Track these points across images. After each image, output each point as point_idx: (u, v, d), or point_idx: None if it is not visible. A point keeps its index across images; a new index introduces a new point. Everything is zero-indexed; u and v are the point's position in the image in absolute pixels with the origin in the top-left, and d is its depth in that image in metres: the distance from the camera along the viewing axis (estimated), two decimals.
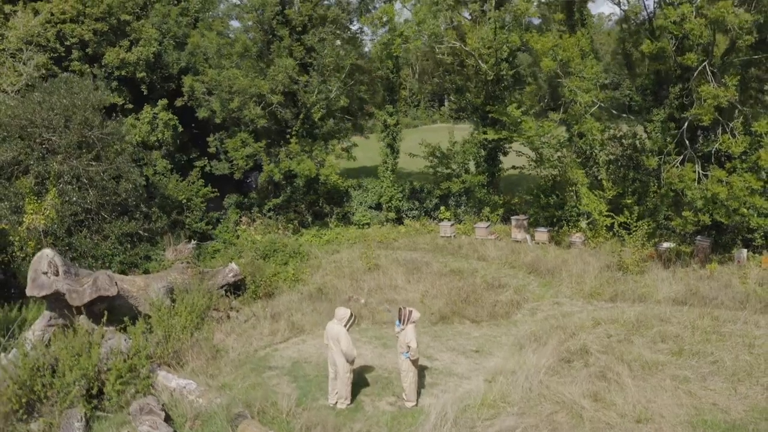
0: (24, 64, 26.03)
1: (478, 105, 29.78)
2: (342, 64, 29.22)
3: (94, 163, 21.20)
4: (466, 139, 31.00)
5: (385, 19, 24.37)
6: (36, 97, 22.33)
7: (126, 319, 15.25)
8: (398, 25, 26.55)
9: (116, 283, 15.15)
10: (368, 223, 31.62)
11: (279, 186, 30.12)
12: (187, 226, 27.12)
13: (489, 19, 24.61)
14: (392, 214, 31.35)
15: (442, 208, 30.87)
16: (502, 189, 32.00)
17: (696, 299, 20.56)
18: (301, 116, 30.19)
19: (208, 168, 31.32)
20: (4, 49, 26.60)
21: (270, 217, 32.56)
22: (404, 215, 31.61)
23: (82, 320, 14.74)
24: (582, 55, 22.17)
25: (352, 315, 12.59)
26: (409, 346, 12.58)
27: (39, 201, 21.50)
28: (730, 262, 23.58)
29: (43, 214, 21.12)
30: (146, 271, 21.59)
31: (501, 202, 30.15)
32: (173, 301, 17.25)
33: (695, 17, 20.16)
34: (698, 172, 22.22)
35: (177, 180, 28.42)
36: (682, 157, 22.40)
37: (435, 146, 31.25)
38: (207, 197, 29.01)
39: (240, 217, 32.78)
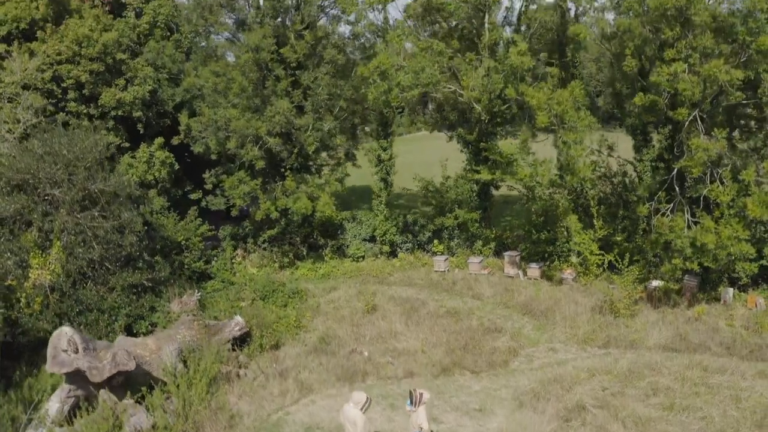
0: (23, 109, 26.15)
1: (471, 140, 30.45)
2: (337, 103, 29.74)
3: (99, 219, 21.49)
4: (459, 174, 31.68)
5: (381, 69, 24.87)
6: (37, 148, 22.52)
7: (144, 389, 15.74)
8: (393, 57, 26.98)
9: (133, 357, 15.61)
10: (363, 256, 32.19)
11: (273, 217, 30.52)
12: (186, 267, 27.47)
13: (485, 67, 25.22)
14: (386, 248, 31.95)
15: (435, 241, 31.55)
16: (493, 216, 32.63)
17: (685, 345, 21.55)
18: (296, 151, 30.63)
19: (204, 203, 31.64)
20: (1, 94, 26.69)
21: (265, 249, 33.02)
22: (398, 248, 32.22)
23: (103, 394, 15.19)
24: (576, 107, 22.95)
25: (368, 399, 13.18)
26: (421, 427, 13.21)
27: (43, 255, 21.76)
28: (717, 302, 24.58)
29: (48, 269, 21.41)
30: (152, 324, 21.97)
31: (493, 235, 30.90)
32: (185, 363, 17.73)
33: (687, 73, 20.98)
34: (687, 219, 23.12)
35: (175, 219, 28.71)
36: (672, 204, 23.27)
37: (429, 181, 31.92)
38: (205, 236, 29.37)
39: (235, 249, 33.20)
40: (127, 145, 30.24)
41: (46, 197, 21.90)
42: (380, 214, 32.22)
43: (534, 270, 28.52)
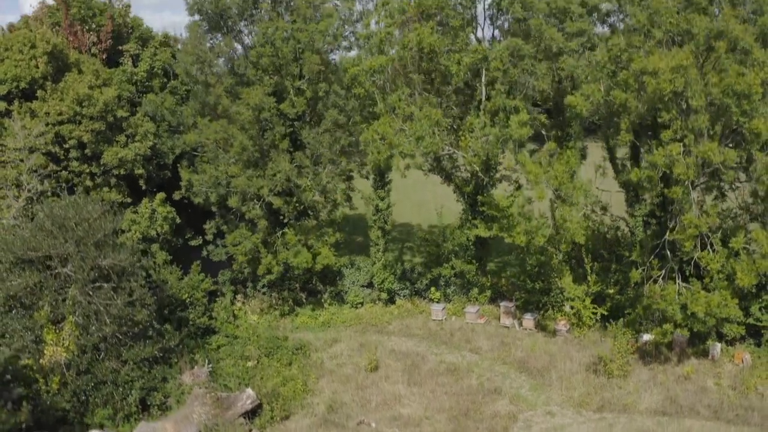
0: (27, 173, 26.51)
1: (468, 192, 31.25)
2: (336, 154, 30.43)
3: (110, 295, 22.05)
4: (455, 225, 32.50)
5: (383, 137, 25.59)
6: (45, 222, 22.99)
7: None
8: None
9: None
10: (361, 303, 32.96)
11: (275, 272, 31.09)
12: (191, 323, 28.07)
13: (484, 132, 26.04)
14: (384, 295, 32.76)
15: (432, 288, 32.41)
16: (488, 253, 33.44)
17: (675, 408, 22.73)
18: (294, 201, 31.25)
19: (205, 253, 32.21)
20: (4, 161, 26.99)
21: (264, 293, 33.68)
22: (396, 294, 33.04)
23: None
24: (571, 176, 23.89)
25: None
26: None
27: (57, 331, 22.32)
28: (705, 357, 25.71)
29: (62, 345, 21.96)
30: (165, 395, 22.62)
31: (489, 284, 31.83)
32: None
33: (682, 154, 21.98)
34: (678, 284, 24.21)
35: (178, 274, 29.24)
36: (663, 271, 24.35)
37: (427, 231, 32.77)
38: (208, 290, 29.95)
39: (235, 294, 33.81)
40: (128, 200, 30.66)
41: (57, 275, 22.40)
42: (378, 262, 33.00)
43: (529, 321, 29.52)
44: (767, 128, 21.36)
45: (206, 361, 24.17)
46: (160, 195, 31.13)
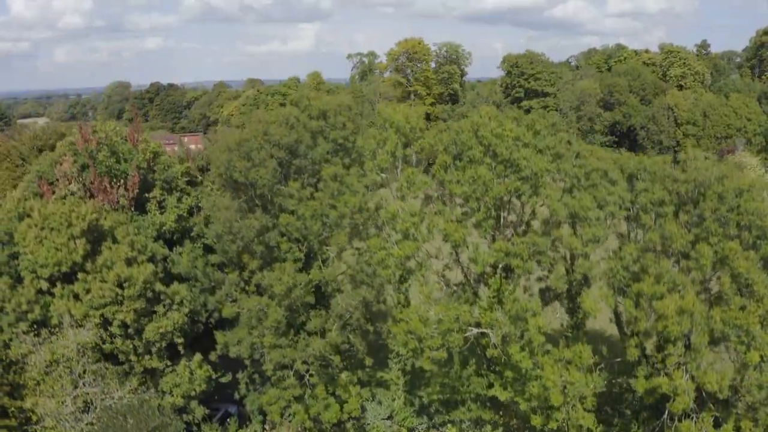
0: (80, 376, 28.33)
1: (485, 344, 33.77)
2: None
3: None
4: (472, 367, 35.14)
5: (410, 329, 27.94)
6: None
7: None
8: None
9: None
10: None
11: (307, 426, 33.62)
12: None
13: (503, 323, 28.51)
14: (404, 430, 35.57)
15: (449, 425, 35.30)
16: None
17: None
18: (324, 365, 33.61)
19: (237, 396, 34.56)
20: (56, 361, 28.68)
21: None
22: (415, 429, 35.87)
23: None
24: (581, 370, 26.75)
25: None
26: None
27: None
28: None
29: None
30: None
31: (502, 422, 34.78)
32: None
33: (686, 379, 24.81)
34: None
35: (218, 430, 31.64)
36: None
37: (443, 372, 35.36)
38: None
39: (264, 424, 36.34)
40: (168, 363, 32.65)
41: None
42: (398, 399, 35.69)
43: None
44: (759, 359, 24.24)
45: None
46: (198, 357, 33.19)
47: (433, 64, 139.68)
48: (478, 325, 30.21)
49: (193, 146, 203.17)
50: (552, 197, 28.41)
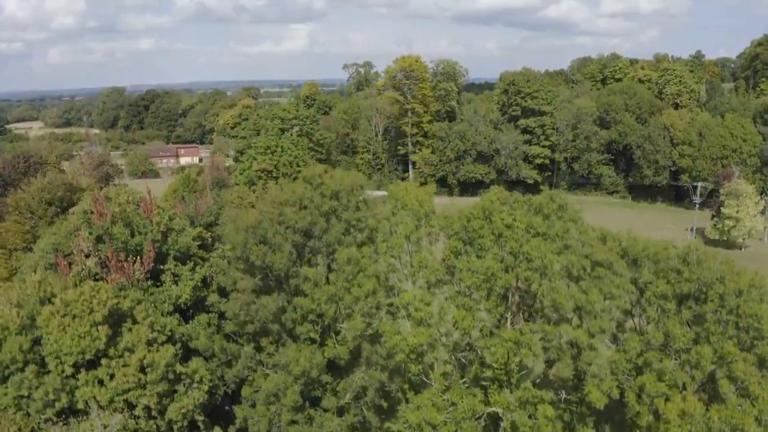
0: None
1: None
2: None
3: None
4: None
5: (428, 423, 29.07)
6: None
7: None
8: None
9: None
10: None
11: None
12: None
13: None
14: None
15: None
16: None
17: None
18: None
19: None
20: None
21: None
22: None
23: None
24: None
25: None
26: None
27: None
28: None
29: None
30: None
31: None
32: None
33: None
34: None
35: None
36: None
37: None
38: None
39: None
40: None
41: None
42: None
43: None
44: None
45: None
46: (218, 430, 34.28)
47: (430, 78, 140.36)
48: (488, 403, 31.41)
49: (188, 159, 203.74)
50: (559, 290, 29.47)
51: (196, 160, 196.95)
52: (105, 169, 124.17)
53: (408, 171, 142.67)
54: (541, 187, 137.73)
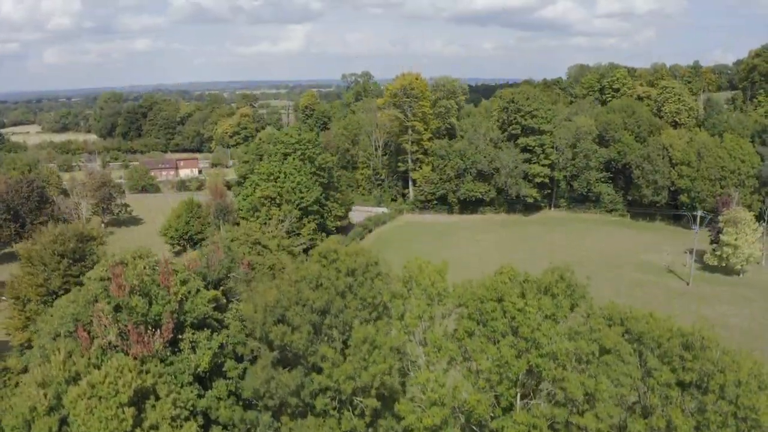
0: None
1: None
2: None
3: None
4: None
5: None
6: None
7: None
8: None
9: None
10: None
11: None
12: None
13: None
14: None
15: None
16: None
17: None
18: None
19: None
20: None
21: None
22: None
23: None
24: None
25: None
26: None
27: None
28: None
29: None
30: None
31: None
32: None
33: None
34: None
35: None
36: None
37: None
38: None
39: None
40: None
41: None
42: None
43: None
44: None
45: None
46: None
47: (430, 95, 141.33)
48: None
49: (188, 171, 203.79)
50: (570, 379, 30.68)
51: (195, 172, 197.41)
52: (107, 190, 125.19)
53: (408, 188, 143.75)
54: (541, 204, 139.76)
